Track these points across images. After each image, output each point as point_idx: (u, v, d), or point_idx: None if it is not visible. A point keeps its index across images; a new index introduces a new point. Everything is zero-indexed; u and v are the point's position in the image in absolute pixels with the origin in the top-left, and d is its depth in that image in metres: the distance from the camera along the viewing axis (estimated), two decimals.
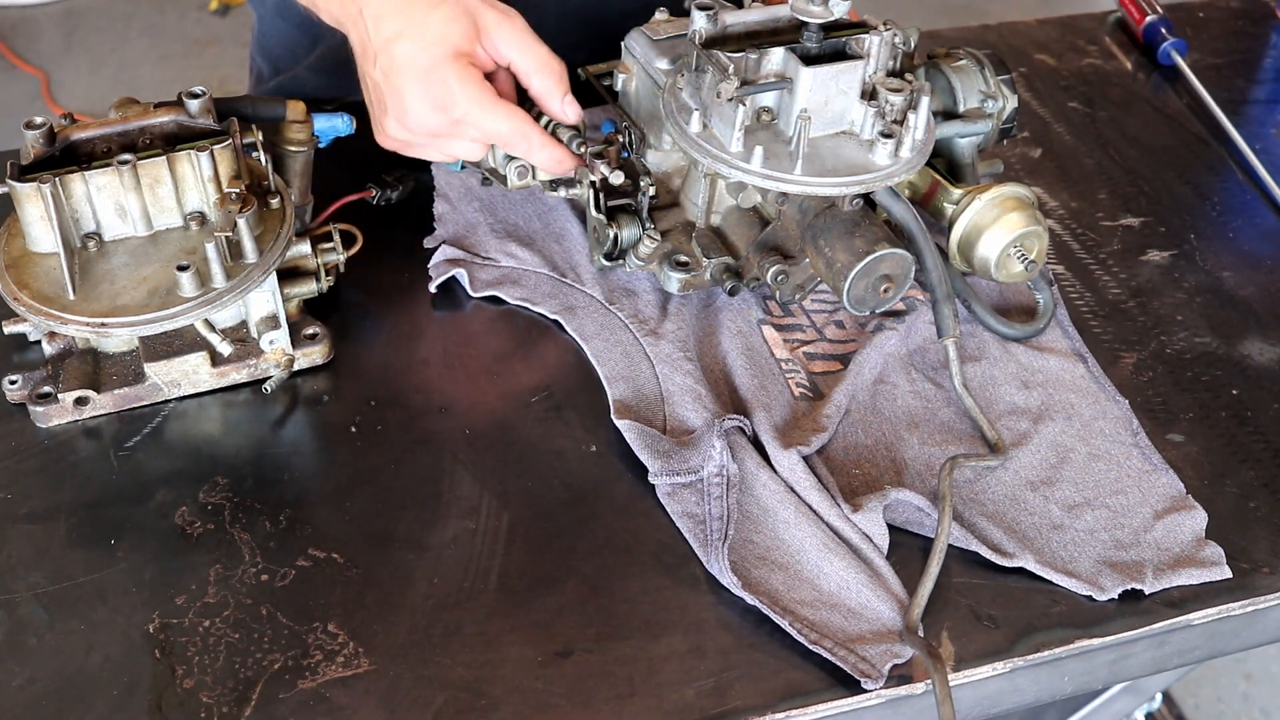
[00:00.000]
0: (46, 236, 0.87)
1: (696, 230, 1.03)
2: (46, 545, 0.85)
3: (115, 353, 0.94)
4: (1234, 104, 1.32)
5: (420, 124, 0.94)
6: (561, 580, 0.84)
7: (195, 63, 3.19)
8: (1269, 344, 1.04)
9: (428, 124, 0.94)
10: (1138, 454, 0.94)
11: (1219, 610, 0.85)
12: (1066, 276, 1.10)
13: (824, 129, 0.91)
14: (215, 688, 0.77)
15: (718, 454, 0.87)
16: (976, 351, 1.01)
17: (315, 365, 0.97)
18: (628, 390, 0.96)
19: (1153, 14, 1.38)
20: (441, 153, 0.99)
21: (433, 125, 0.94)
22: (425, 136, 0.96)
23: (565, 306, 1.02)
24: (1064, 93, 1.33)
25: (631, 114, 1.03)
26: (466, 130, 0.95)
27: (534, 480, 0.90)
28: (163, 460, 0.90)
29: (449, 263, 1.04)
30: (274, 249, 0.90)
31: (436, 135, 0.96)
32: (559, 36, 1.26)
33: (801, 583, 0.84)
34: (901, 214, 0.95)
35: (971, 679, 0.81)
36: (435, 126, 0.94)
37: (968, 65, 1.04)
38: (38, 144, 0.88)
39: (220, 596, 0.82)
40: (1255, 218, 1.19)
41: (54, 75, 3.17)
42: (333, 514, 0.87)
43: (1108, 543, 0.88)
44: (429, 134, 0.96)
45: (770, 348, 1.00)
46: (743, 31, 0.96)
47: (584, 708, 0.78)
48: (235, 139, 0.90)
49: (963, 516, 0.89)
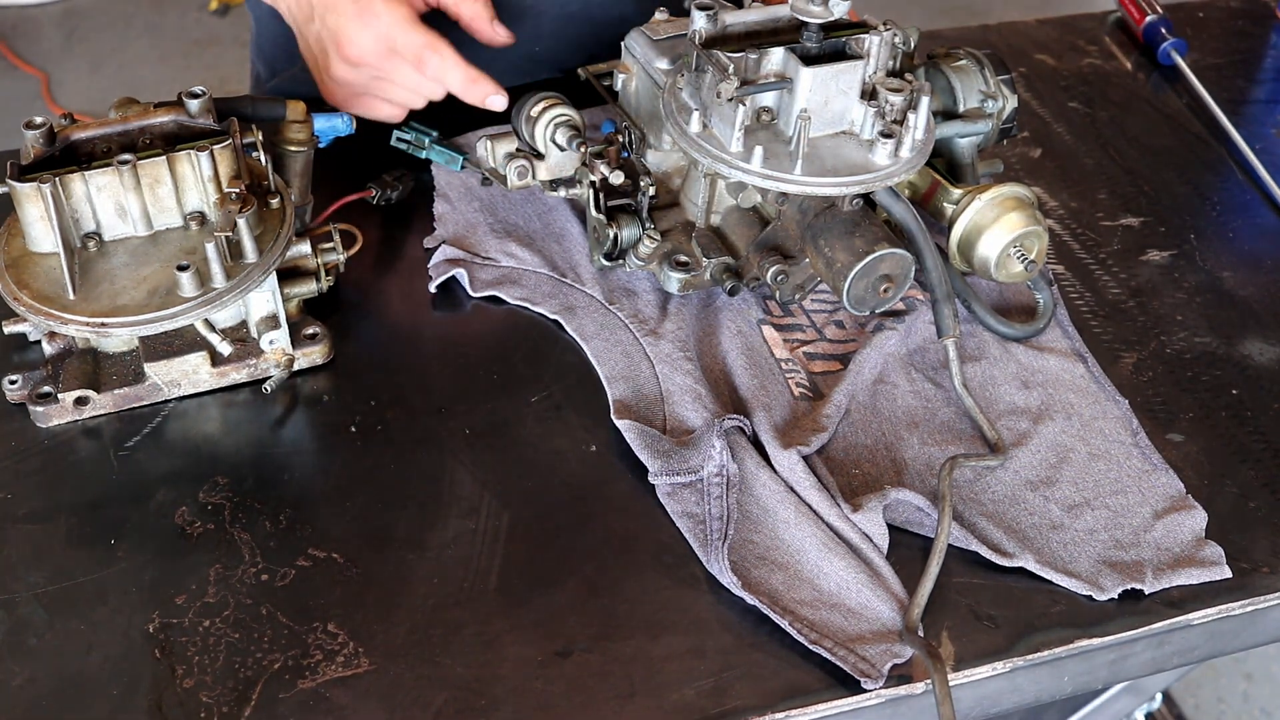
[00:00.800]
0: (46, 236, 0.87)
1: (696, 230, 1.03)
2: (46, 545, 0.85)
3: (115, 353, 0.94)
4: (1234, 104, 1.32)
5: (360, 54, 1.01)
6: (561, 580, 0.84)
7: (195, 63, 3.20)
8: (1269, 344, 1.04)
9: (365, 52, 1.01)
10: (1138, 454, 0.94)
11: (1219, 610, 0.85)
12: (1066, 276, 1.10)
13: (824, 129, 0.91)
14: (215, 688, 0.77)
15: (718, 454, 0.87)
16: (976, 351, 1.01)
17: (315, 365, 0.97)
18: (628, 390, 0.96)
19: (1153, 14, 1.38)
20: (385, 98, 1.06)
21: (370, 53, 1.01)
22: (367, 74, 1.03)
23: (565, 306, 1.02)
24: (1064, 93, 1.33)
25: (631, 114, 1.03)
26: (399, 63, 1.01)
27: (534, 480, 0.90)
28: (163, 460, 0.90)
29: (449, 263, 1.04)
30: (274, 249, 0.90)
31: (377, 71, 1.02)
32: (559, 37, 1.27)
33: (801, 582, 0.84)
34: (901, 214, 0.95)
35: (971, 679, 0.81)
36: (372, 55, 1.01)
37: (968, 65, 1.04)
38: (38, 144, 0.88)
39: (220, 596, 0.82)
40: (1255, 218, 1.19)
41: (54, 75, 3.17)
42: (333, 514, 0.87)
43: (1108, 542, 0.88)
44: (370, 68, 1.02)
45: (770, 348, 1.00)
46: (743, 31, 0.96)
47: (584, 708, 0.78)
48: (235, 139, 0.90)
49: (963, 516, 0.89)
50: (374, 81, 1.04)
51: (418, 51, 1.01)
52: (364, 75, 1.03)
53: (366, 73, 1.03)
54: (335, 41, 1.01)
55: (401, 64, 1.02)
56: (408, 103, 1.07)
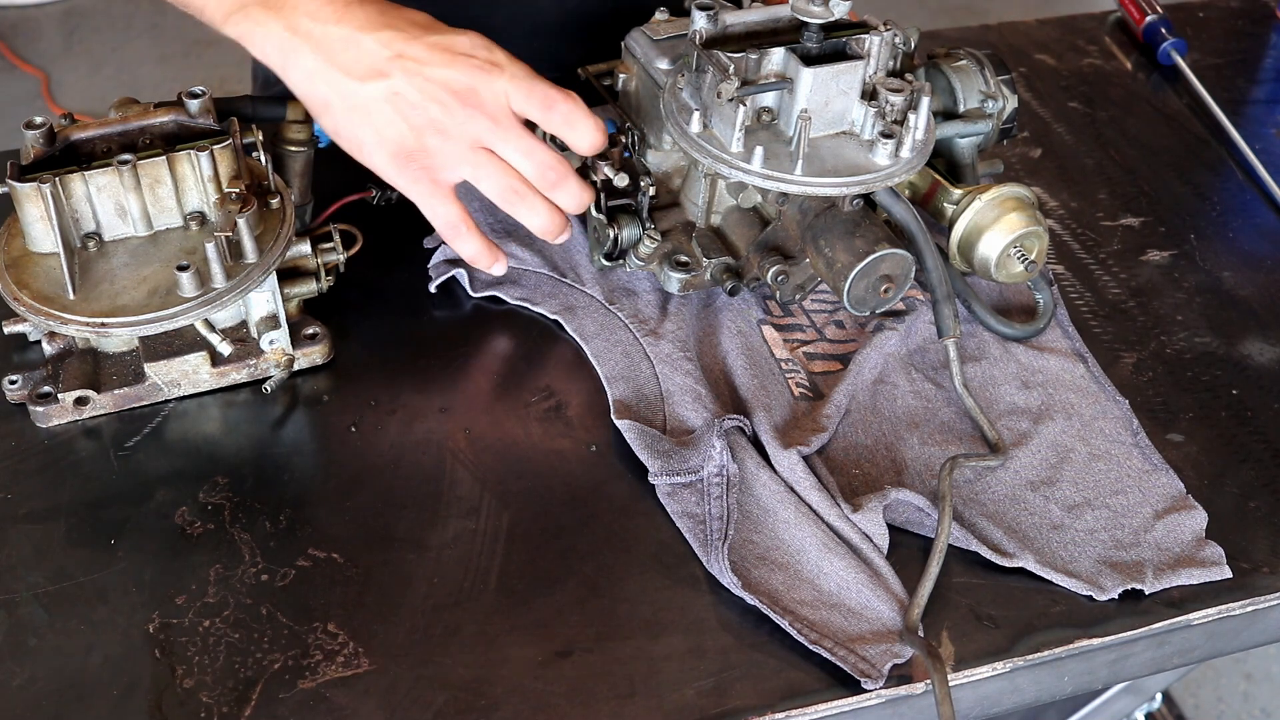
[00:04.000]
0: (46, 236, 0.87)
1: (696, 230, 1.03)
2: (46, 545, 0.85)
3: (115, 353, 0.94)
4: (1234, 104, 1.32)
5: (470, 44, 0.89)
6: (561, 580, 0.84)
7: (195, 63, 3.19)
8: (1269, 344, 1.04)
9: (476, 44, 0.90)
10: (1138, 454, 0.94)
11: (1219, 610, 0.85)
12: (1066, 276, 1.10)
13: (824, 129, 0.91)
14: (215, 688, 0.77)
15: (718, 454, 0.87)
16: (976, 351, 1.01)
17: (315, 365, 0.97)
18: (628, 390, 0.96)
19: (1153, 14, 1.38)
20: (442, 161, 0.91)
21: (480, 45, 0.90)
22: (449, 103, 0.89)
23: (565, 306, 1.02)
24: (1064, 93, 1.33)
25: (631, 114, 1.03)
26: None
27: (534, 480, 0.90)
28: (163, 460, 0.90)
29: (449, 263, 1.04)
30: (274, 249, 0.90)
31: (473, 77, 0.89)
32: (559, 37, 1.26)
33: (801, 583, 0.84)
34: (901, 214, 0.95)
35: (971, 679, 0.81)
36: (482, 48, 0.90)
37: (968, 65, 1.04)
38: (38, 144, 0.88)
39: (220, 596, 0.82)
40: (1255, 218, 1.19)
41: (54, 75, 3.17)
42: (333, 514, 0.87)
43: (1108, 543, 0.88)
44: (476, 64, 0.89)
45: (770, 348, 1.00)
46: (743, 31, 0.96)
47: (584, 708, 0.78)
48: (235, 139, 0.90)
49: (963, 516, 0.89)
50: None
51: (547, 91, 0.89)
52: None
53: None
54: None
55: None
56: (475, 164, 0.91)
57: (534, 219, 0.92)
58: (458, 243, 0.94)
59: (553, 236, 0.94)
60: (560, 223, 0.93)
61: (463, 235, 0.94)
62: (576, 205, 0.93)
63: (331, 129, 0.92)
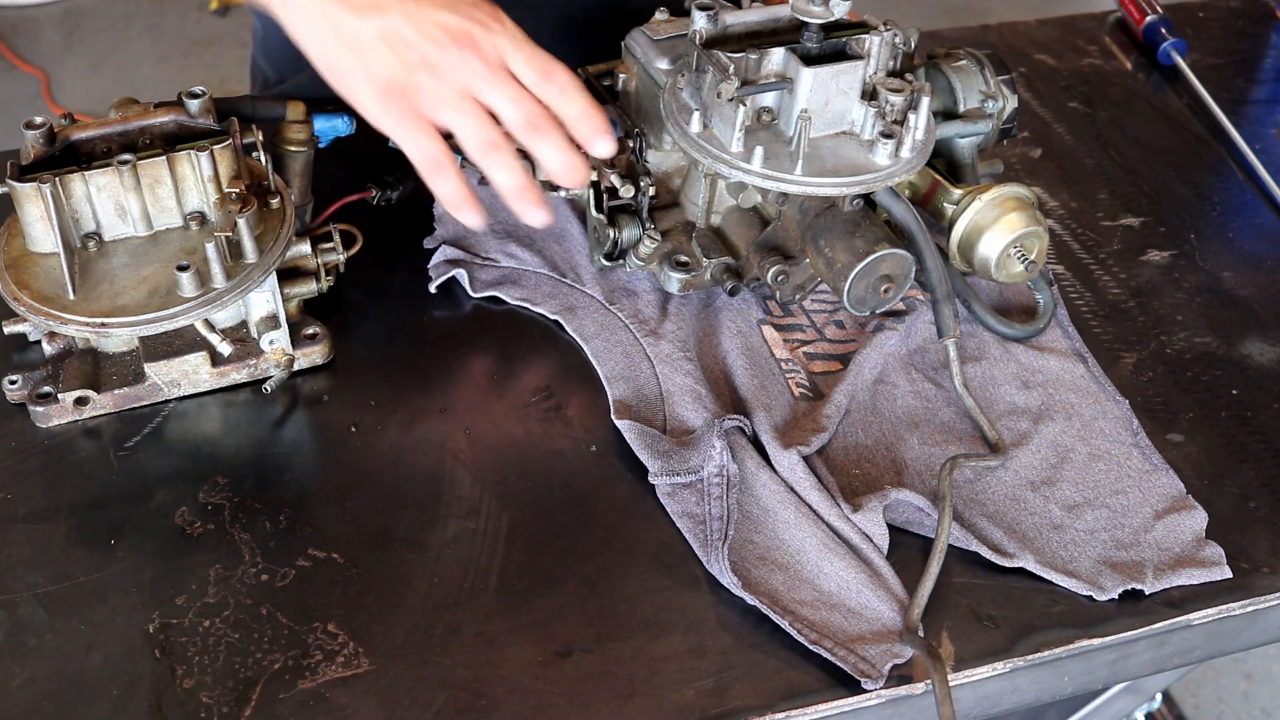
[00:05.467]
0: (46, 236, 0.87)
1: (696, 230, 1.03)
2: (46, 545, 0.85)
3: (115, 353, 0.94)
4: (1234, 104, 1.32)
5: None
6: (561, 580, 0.84)
7: (195, 63, 3.19)
8: (1269, 344, 1.04)
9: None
10: (1138, 454, 0.94)
11: (1219, 610, 0.85)
12: (1066, 276, 1.10)
13: (824, 129, 0.91)
14: (215, 688, 0.77)
15: (718, 454, 0.87)
16: (976, 351, 1.01)
17: (315, 365, 0.97)
18: (628, 390, 0.96)
19: (1153, 14, 1.38)
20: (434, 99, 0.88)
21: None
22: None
23: (565, 306, 1.02)
24: (1064, 93, 1.33)
25: (631, 114, 1.03)
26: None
27: (534, 480, 0.90)
28: (163, 460, 0.90)
29: (449, 263, 1.04)
30: (274, 249, 0.90)
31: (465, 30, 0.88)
32: (559, 37, 1.26)
33: (801, 583, 0.84)
34: (901, 214, 0.95)
35: (971, 679, 0.81)
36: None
37: (968, 65, 1.04)
38: (38, 144, 0.88)
39: (220, 596, 0.82)
40: (1255, 218, 1.19)
41: (54, 75, 3.17)
42: (333, 514, 0.87)
43: (1108, 543, 0.88)
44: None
45: (770, 348, 1.00)
46: (743, 31, 0.96)
47: (584, 708, 0.78)
48: (235, 139, 0.90)
49: (963, 516, 0.89)
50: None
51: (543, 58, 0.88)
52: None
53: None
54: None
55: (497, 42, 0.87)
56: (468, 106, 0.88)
57: (506, 178, 0.88)
58: (437, 181, 0.89)
59: (519, 200, 0.89)
60: (529, 188, 0.89)
61: (444, 173, 0.89)
62: (561, 164, 0.88)
63: (323, 63, 0.89)
